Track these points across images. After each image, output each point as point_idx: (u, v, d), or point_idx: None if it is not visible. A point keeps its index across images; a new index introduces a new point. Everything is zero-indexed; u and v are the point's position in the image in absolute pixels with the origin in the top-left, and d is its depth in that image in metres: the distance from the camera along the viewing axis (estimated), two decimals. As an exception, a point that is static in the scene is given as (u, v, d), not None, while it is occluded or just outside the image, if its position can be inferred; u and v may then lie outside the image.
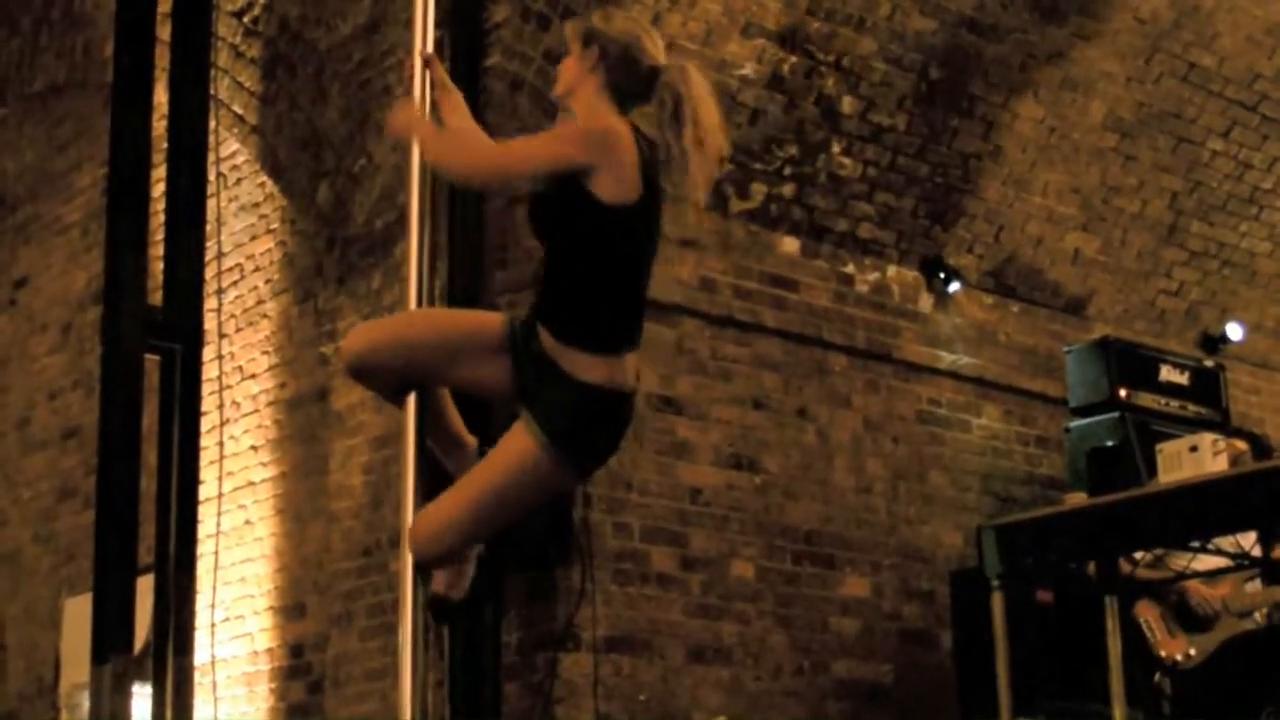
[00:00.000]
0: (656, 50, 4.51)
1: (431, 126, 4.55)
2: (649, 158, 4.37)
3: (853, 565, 8.62)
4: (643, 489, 7.97)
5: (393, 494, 7.66)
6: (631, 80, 4.45)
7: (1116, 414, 8.51)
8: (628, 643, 7.77)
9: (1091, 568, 7.44)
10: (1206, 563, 7.29)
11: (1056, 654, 7.82)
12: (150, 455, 7.94)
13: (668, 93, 4.41)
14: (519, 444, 4.29)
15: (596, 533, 7.72)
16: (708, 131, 4.41)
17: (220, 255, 8.84)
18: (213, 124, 8.39)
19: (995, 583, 6.90)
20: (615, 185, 4.28)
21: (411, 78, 4.66)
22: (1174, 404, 8.77)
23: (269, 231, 9.74)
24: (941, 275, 9.21)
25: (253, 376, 9.69)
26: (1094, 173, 9.53)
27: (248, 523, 9.48)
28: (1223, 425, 8.67)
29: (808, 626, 8.40)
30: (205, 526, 8.32)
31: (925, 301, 9.22)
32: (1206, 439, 6.70)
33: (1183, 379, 8.92)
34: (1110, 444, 8.36)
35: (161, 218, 8.23)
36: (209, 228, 8.40)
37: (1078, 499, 7.55)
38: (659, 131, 4.40)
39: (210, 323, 8.74)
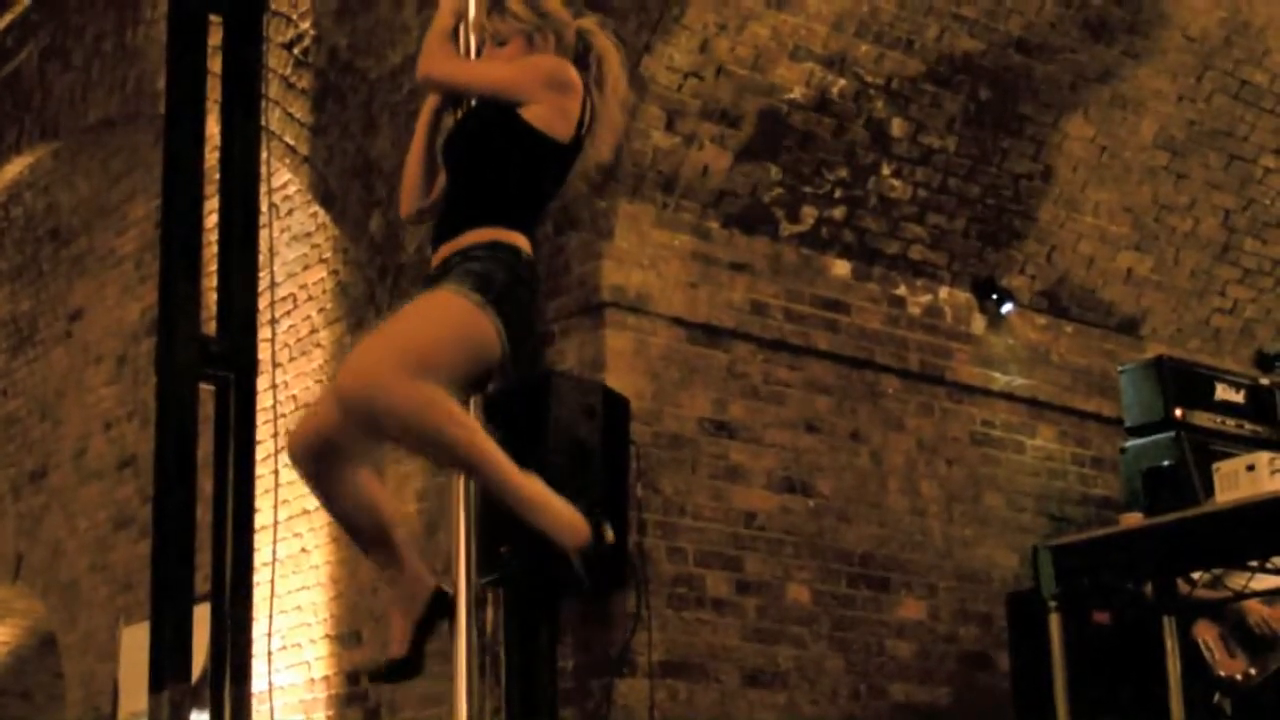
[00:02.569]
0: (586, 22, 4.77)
1: (443, 30, 4.67)
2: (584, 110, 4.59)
3: (908, 588, 8.59)
4: (697, 514, 7.97)
5: (447, 520, 7.66)
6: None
7: (1172, 433, 8.45)
8: (683, 668, 7.76)
9: (1149, 588, 7.41)
10: (1265, 582, 7.25)
11: (1115, 675, 7.77)
12: (206, 484, 7.98)
13: (594, 57, 4.66)
14: (445, 297, 4.25)
15: (651, 558, 7.72)
16: (620, 98, 4.70)
17: (273, 285, 8.89)
18: (264, 155, 8.43)
19: (1052, 604, 6.87)
20: (556, 119, 4.49)
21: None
22: (1230, 423, 8.71)
23: (321, 261, 9.79)
24: (994, 296, 9.18)
25: (307, 405, 9.73)
26: (1146, 191, 9.49)
27: (303, 550, 9.51)
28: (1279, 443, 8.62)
29: (864, 650, 8.37)
30: (261, 555, 8.35)
31: (978, 323, 9.19)
32: (1263, 457, 6.65)
33: (1238, 397, 8.85)
34: (1166, 464, 8.30)
35: (215, 248, 8.27)
36: (262, 258, 8.44)
37: (1134, 519, 7.51)
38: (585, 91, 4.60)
39: (264, 352, 8.78)
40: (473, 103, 4.59)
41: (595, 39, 4.69)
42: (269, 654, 8.52)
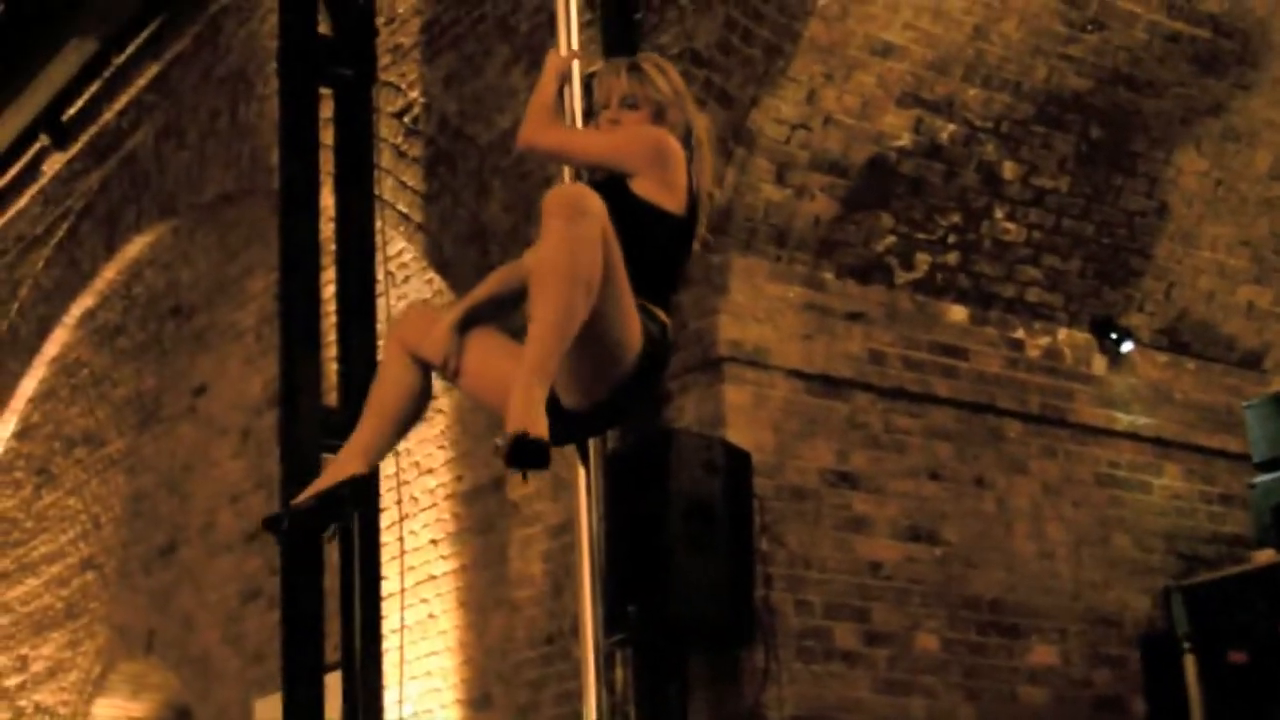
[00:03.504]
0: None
1: (546, 98, 4.63)
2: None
3: (1039, 633, 8.51)
4: (822, 566, 7.94)
5: (572, 581, 7.68)
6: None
7: (1301, 467, 8.36)
8: (815, 721, 7.72)
9: (1284, 625, 7.31)
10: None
11: (1253, 715, 7.67)
12: (332, 553, 8.04)
13: (695, 140, 4.60)
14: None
15: (778, 611, 7.70)
16: (710, 176, 4.65)
17: (392, 353, 8.94)
18: (379, 224, 8.53)
19: (1186, 645, 6.80)
20: (664, 191, 4.44)
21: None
22: (1358, 454, 8.60)
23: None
24: (1113, 335, 9.11)
25: (429, 471, 9.78)
26: (1263, 224, 9.40)
27: (431, 616, 9.55)
28: None
29: (996, 697, 8.29)
30: (389, 622, 8.40)
31: (1098, 363, 9.12)
32: (1394, 488, 6.56)
33: (1365, 428, 8.74)
34: (1298, 498, 8.20)
35: (333, 319, 8.36)
36: (380, 327, 8.52)
37: (1266, 556, 7.43)
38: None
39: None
40: (583, 175, 4.56)
41: (696, 121, 4.64)
42: (400, 720, 8.55)
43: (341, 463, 4.64)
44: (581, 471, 4.53)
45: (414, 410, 4.70)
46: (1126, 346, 9.12)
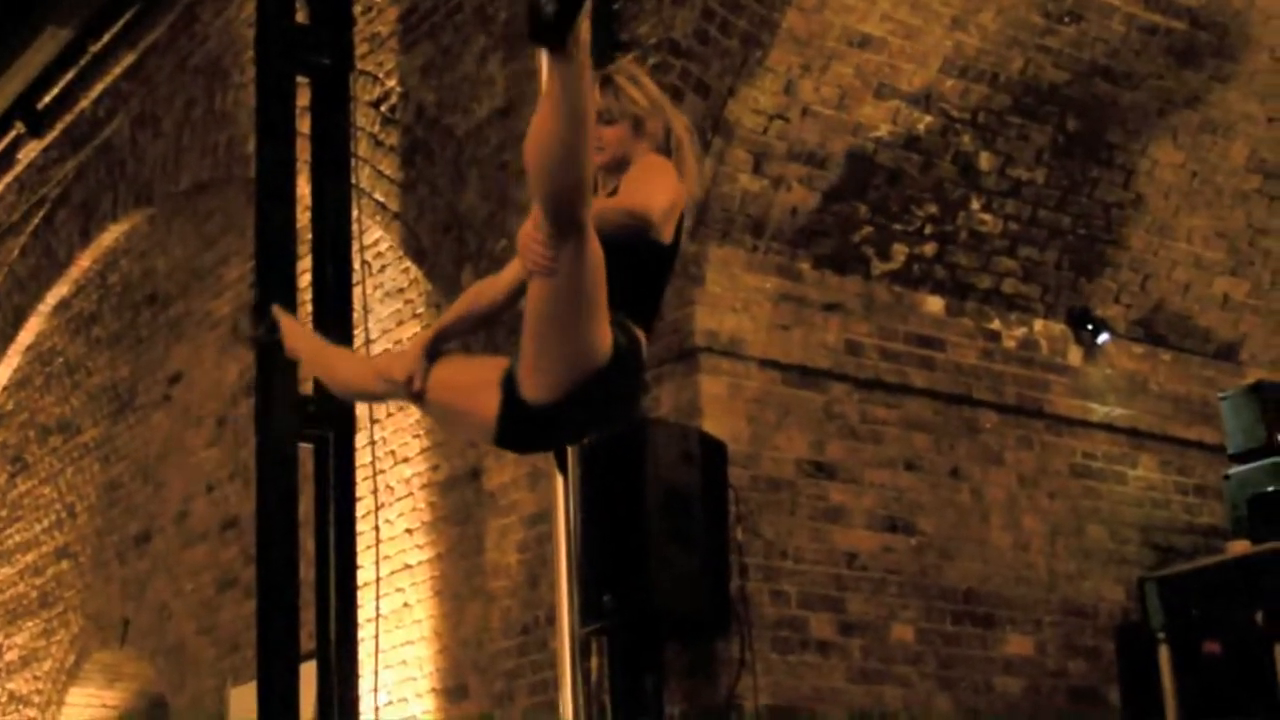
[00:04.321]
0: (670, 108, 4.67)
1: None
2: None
3: (1014, 624, 8.53)
4: (798, 556, 7.94)
5: (549, 571, 7.68)
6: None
7: (1275, 459, 8.37)
8: (790, 711, 7.72)
9: (1259, 616, 7.32)
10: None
11: (1227, 706, 7.69)
12: (308, 542, 8.04)
13: (673, 143, 4.56)
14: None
15: (754, 602, 7.70)
16: (694, 187, 4.62)
17: (368, 342, 8.95)
18: (355, 213, 8.52)
19: (1161, 636, 6.81)
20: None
21: None
22: (1334, 445, 8.62)
23: (415, 316, 9.84)
24: (1089, 327, 9.12)
25: (405, 460, 9.77)
26: (1239, 215, 9.42)
27: (406, 605, 9.54)
28: (1387, 465, 8.51)
29: (971, 688, 8.31)
30: (365, 611, 8.40)
31: (1074, 354, 9.13)
32: (1370, 480, 6.58)
33: (1342, 421, 8.76)
34: (1271, 489, 8.22)
35: (309, 307, 8.35)
36: (356, 315, 8.51)
37: (1241, 547, 7.45)
38: None
39: (361, 409, 8.84)
40: (596, 186, 4.50)
41: (675, 124, 4.60)
42: (375, 709, 8.56)
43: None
44: (557, 461, 4.54)
45: None
46: (1103, 338, 9.14)
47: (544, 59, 3.73)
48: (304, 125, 8.94)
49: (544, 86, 3.75)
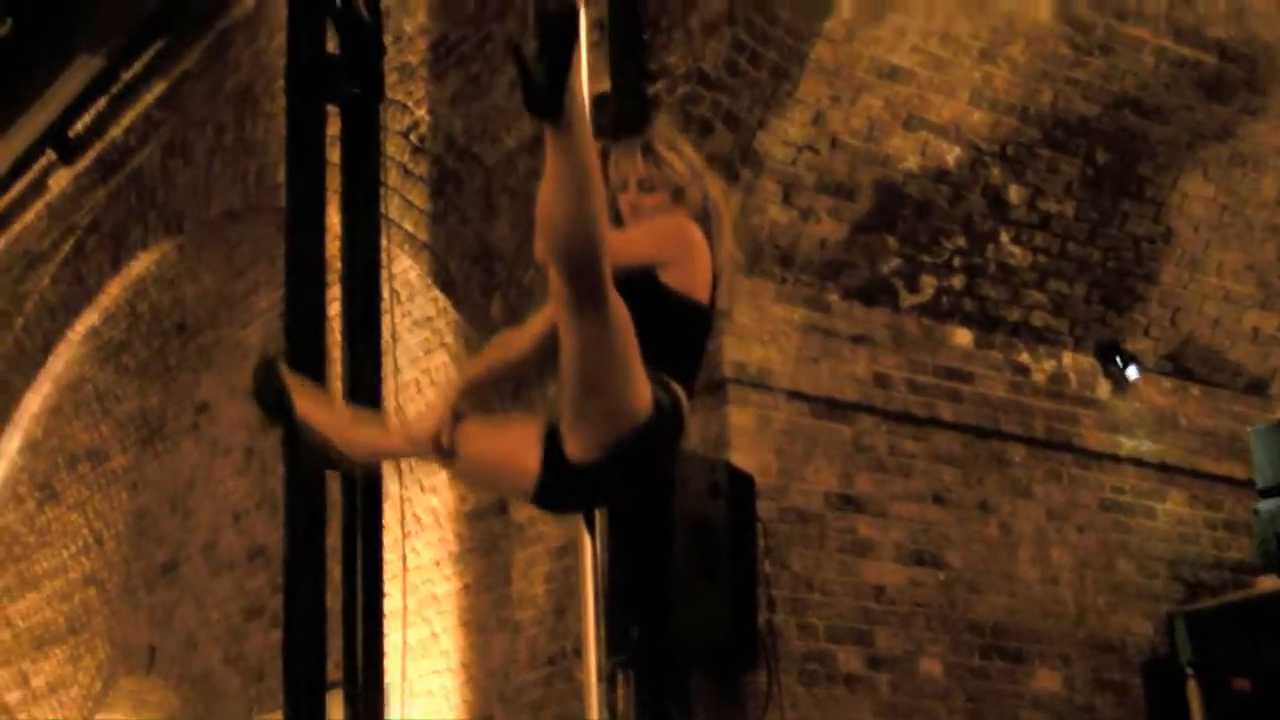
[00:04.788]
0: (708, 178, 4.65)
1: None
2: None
3: (1042, 658, 8.49)
4: (825, 589, 7.92)
5: (575, 602, 7.67)
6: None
7: (1304, 494, 8.34)
8: (817, 745, 7.70)
9: (1288, 652, 7.29)
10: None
11: (1257, 742, 7.65)
12: (335, 572, 8.02)
13: (710, 209, 4.56)
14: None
15: (781, 634, 7.68)
16: (732, 252, 4.61)
17: (396, 371, 8.95)
18: (384, 242, 8.51)
19: (1189, 672, 6.78)
20: (693, 281, 4.42)
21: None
22: (1363, 481, 8.57)
23: (443, 345, 9.85)
24: (1119, 360, 9.10)
25: (433, 491, 9.77)
26: (1269, 249, 9.39)
27: (433, 635, 9.53)
28: None
29: (999, 722, 8.28)
30: (391, 641, 8.38)
31: (1103, 388, 9.11)
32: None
33: (1371, 455, 8.72)
34: (1301, 524, 8.19)
35: (338, 337, 8.34)
36: (384, 344, 8.51)
37: (1270, 583, 7.41)
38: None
39: (389, 439, 8.81)
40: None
41: (711, 190, 4.60)
42: (401, 740, 8.53)
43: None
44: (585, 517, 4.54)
45: None
46: (1132, 372, 9.11)
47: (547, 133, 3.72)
48: (334, 154, 8.95)
49: (547, 158, 3.75)
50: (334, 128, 8.69)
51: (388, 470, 8.88)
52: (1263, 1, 8.50)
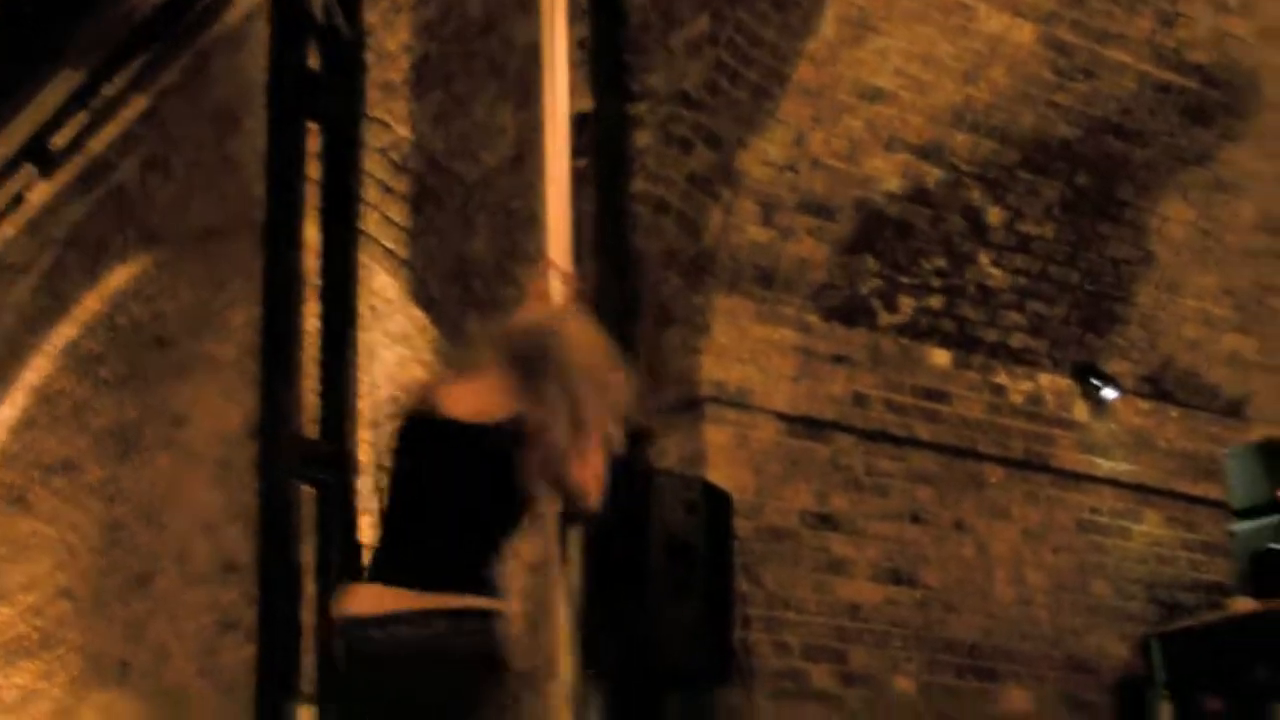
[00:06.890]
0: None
1: None
2: None
3: (1016, 678, 8.50)
4: (800, 607, 7.92)
5: (549, 616, 7.66)
6: None
7: (1280, 516, 8.36)
8: (791, 763, 7.70)
9: (1261, 673, 7.30)
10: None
11: (1230, 764, 7.66)
12: (309, 586, 8.01)
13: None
14: None
15: (756, 652, 7.67)
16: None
17: (374, 387, 8.94)
18: (363, 259, 8.52)
19: (1164, 692, 6.78)
20: None
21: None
22: (1339, 504, 8.59)
23: (420, 362, 9.84)
24: (1096, 382, 9.11)
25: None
26: (1248, 273, 9.41)
27: (408, 652, 9.50)
28: (1392, 525, 8.48)
29: (973, 742, 8.28)
30: (366, 657, 8.34)
31: (1081, 409, 9.12)
32: (1375, 539, 6.57)
33: (1347, 478, 8.74)
34: (1276, 546, 8.20)
35: (315, 352, 8.34)
36: (361, 360, 8.51)
37: (1245, 604, 7.42)
38: None
39: (365, 454, 8.83)
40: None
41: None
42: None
43: None
44: (557, 509, 4.52)
45: None
46: (1109, 393, 9.12)
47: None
48: (314, 171, 8.95)
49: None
50: (314, 144, 8.71)
51: (363, 486, 8.87)
52: (1243, 27, 8.53)
